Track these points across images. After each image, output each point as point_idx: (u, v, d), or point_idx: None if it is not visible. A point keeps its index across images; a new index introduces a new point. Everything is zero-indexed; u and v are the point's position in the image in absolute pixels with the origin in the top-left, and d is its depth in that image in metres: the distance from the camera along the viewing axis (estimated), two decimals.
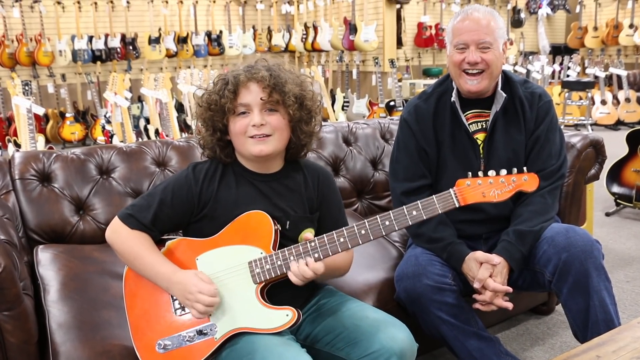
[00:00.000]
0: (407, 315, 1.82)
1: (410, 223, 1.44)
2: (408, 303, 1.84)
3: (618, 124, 7.94)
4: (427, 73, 9.11)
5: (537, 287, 1.92)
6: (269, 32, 9.48)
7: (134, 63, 8.47)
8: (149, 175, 2.16)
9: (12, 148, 5.67)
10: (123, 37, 8.25)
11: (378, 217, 1.45)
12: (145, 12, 8.45)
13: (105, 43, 8.11)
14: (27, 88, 5.12)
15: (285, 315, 1.43)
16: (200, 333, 1.46)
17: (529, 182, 1.47)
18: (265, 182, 1.59)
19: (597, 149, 2.34)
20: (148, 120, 6.79)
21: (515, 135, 1.96)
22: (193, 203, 1.56)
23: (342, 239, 1.45)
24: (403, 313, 1.84)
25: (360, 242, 1.45)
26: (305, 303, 1.61)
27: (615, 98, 8.06)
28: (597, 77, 8.05)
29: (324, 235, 1.46)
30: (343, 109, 8.25)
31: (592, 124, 7.82)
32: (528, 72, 8.41)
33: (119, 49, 8.17)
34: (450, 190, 1.46)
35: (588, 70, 8.25)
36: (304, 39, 9.06)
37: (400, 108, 7.26)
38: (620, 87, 8.06)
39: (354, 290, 1.87)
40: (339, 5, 8.76)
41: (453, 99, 1.96)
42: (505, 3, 10.00)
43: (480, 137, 1.98)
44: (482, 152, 1.97)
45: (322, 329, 1.54)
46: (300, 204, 1.60)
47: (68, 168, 2.08)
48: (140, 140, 2.50)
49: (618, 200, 4.06)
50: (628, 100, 7.96)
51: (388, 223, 1.44)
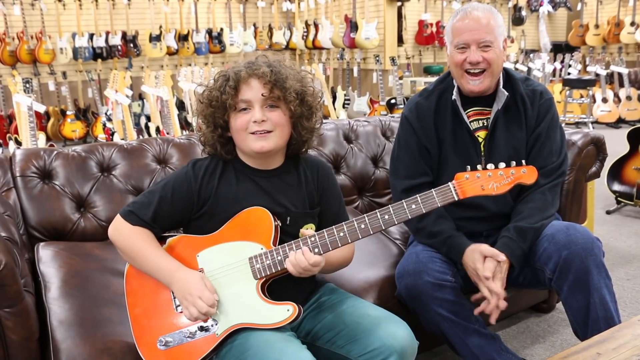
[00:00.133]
0: (407, 313, 1.83)
1: (410, 217, 1.45)
2: (409, 300, 1.84)
3: (619, 122, 7.93)
4: (428, 71, 9.10)
5: (537, 284, 1.92)
6: (270, 29, 9.48)
7: (135, 61, 8.47)
8: (150, 173, 2.16)
9: (13, 145, 5.67)
10: (124, 34, 8.25)
11: (377, 211, 1.45)
12: (146, 9, 8.45)
13: (106, 40, 8.11)
14: (28, 86, 5.11)
15: (286, 311, 1.44)
16: (202, 329, 1.46)
17: (528, 174, 1.47)
18: (266, 178, 1.59)
19: (598, 147, 2.34)
20: (149, 118, 6.78)
21: (516, 133, 1.96)
22: (193, 200, 1.56)
23: (342, 234, 1.45)
24: (404, 310, 1.84)
25: (360, 236, 1.46)
26: (306, 300, 1.62)
27: (617, 96, 8.04)
28: (598, 75, 8.03)
29: (324, 230, 1.46)
30: (344, 107, 8.24)
31: (593, 122, 7.81)
32: (529, 70, 8.38)
33: (120, 47, 8.17)
34: (449, 184, 1.46)
35: (589, 68, 8.23)
36: (305, 37, 9.05)
37: (401, 106, 7.26)
38: (622, 84, 8.04)
39: (355, 288, 1.87)
40: (340, 3, 8.75)
41: (454, 97, 1.96)
42: (507, 1, 9.98)
43: (482, 134, 1.98)
44: (483, 149, 1.97)
45: (322, 326, 1.54)
46: (301, 200, 1.60)
47: (69, 165, 2.08)
48: (141, 138, 2.49)
49: (619, 198, 4.06)
50: (629, 98, 7.94)
51: (387, 217, 1.45)
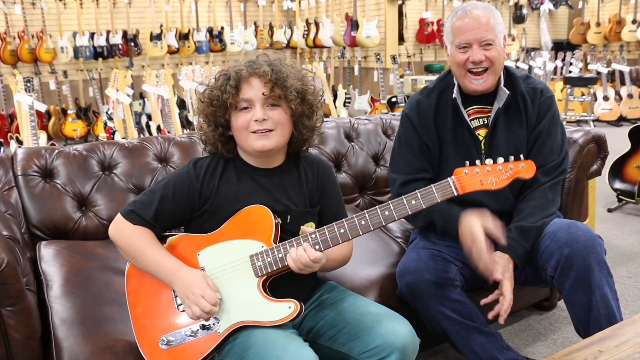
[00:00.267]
0: (409, 311, 1.82)
1: (410, 212, 1.46)
2: (410, 298, 1.84)
3: (620, 120, 7.92)
4: (428, 69, 9.10)
5: (539, 282, 1.92)
6: (271, 28, 9.48)
7: (136, 59, 8.46)
8: (151, 171, 2.16)
9: (14, 145, 5.68)
10: (125, 33, 8.24)
11: (377, 207, 1.46)
12: (147, 8, 8.45)
13: (107, 39, 8.11)
14: (29, 85, 5.11)
15: (288, 308, 1.44)
16: (204, 328, 1.46)
17: (526, 169, 1.49)
18: (267, 176, 1.59)
19: (599, 145, 2.34)
20: (150, 117, 6.78)
21: (517, 131, 1.96)
22: (194, 199, 1.56)
23: (342, 230, 1.46)
24: (405, 308, 1.84)
25: (361, 232, 1.46)
26: (308, 298, 1.62)
27: (618, 94, 8.03)
28: (599, 73, 8.02)
29: (324, 227, 1.46)
30: (345, 105, 8.24)
31: (594, 120, 7.79)
32: (530, 68, 8.38)
33: (121, 46, 8.16)
34: (449, 179, 1.47)
35: (590, 66, 8.21)
36: (306, 35, 9.05)
37: (402, 104, 7.25)
38: (623, 83, 8.03)
39: (356, 286, 1.87)
40: (341, 1, 8.75)
41: (454, 96, 1.96)
42: None
43: (482, 132, 1.98)
44: (483, 147, 1.97)
45: (324, 324, 1.54)
46: (301, 198, 1.61)
47: (70, 164, 2.09)
48: (142, 137, 2.50)
49: (620, 196, 4.06)
50: (630, 96, 7.93)
51: (388, 213, 1.46)
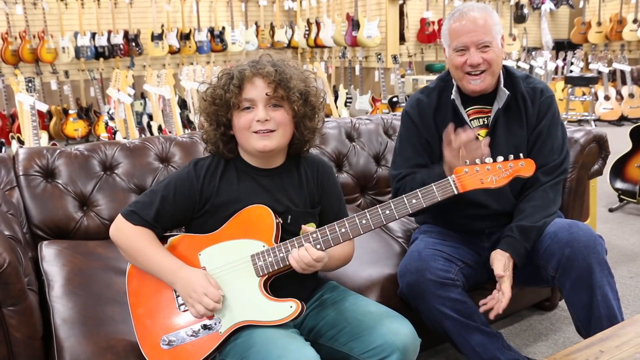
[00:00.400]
0: (410, 311, 1.82)
1: (411, 211, 1.47)
2: (411, 298, 1.84)
3: (621, 120, 7.91)
4: (429, 69, 9.09)
5: (540, 282, 1.93)
6: (272, 28, 9.47)
7: (137, 59, 8.47)
8: (153, 171, 2.17)
9: (15, 145, 5.68)
10: (126, 33, 8.25)
11: (378, 206, 1.47)
12: (148, 8, 8.45)
13: (108, 40, 8.11)
14: (30, 85, 5.12)
15: (289, 307, 1.44)
16: (205, 327, 1.46)
17: (526, 167, 1.49)
18: (267, 177, 1.59)
19: (600, 145, 2.34)
20: (151, 117, 6.79)
21: (517, 131, 1.96)
22: (195, 199, 1.56)
23: (343, 230, 1.46)
24: (406, 308, 1.84)
25: (362, 231, 1.46)
26: (309, 298, 1.62)
27: (619, 93, 8.02)
28: (600, 72, 8.01)
29: (325, 227, 1.47)
30: (346, 105, 8.24)
31: (595, 120, 7.79)
32: (531, 67, 8.37)
33: (122, 46, 8.17)
34: (449, 178, 1.47)
35: (591, 66, 8.21)
36: (307, 35, 9.05)
37: (403, 104, 7.23)
38: (624, 82, 8.03)
39: (358, 286, 1.87)
40: (342, 1, 8.74)
41: (453, 97, 1.96)
42: None
43: (482, 133, 1.98)
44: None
45: (325, 324, 1.54)
46: (302, 199, 1.61)
47: (72, 164, 2.09)
48: (144, 137, 2.51)
49: (621, 196, 4.05)
50: (632, 96, 7.93)
51: (388, 212, 1.46)
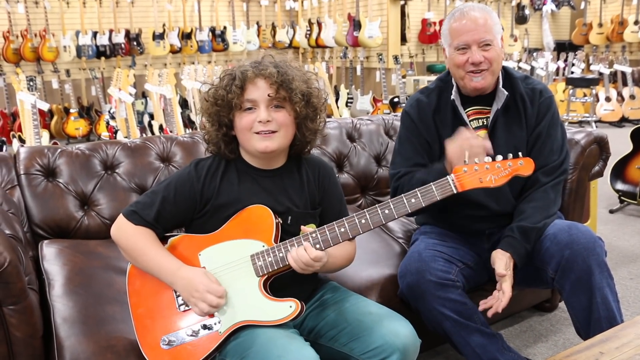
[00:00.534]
0: (410, 312, 1.83)
1: (410, 211, 1.47)
2: (411, 299, 1.85)
3: (622, 121, 7.90)
4: (431, 69, 9.09)
5: (539, 283, 1.93)
6: (273, 28, 9.47)
7: (138, 59, 8.47)
8: (154, 171, 2.17)
9: (16, 143, 5.69)
10: (127, 32, 8.25)
11: (378, 206, 1.47)
12: (150, 7, 8.46)
13: (110, 39, 8.12)
14: (31, 84, 5.13)
15: (289, 307, 1.44)
16: (205, 327, 1.46)
17: (525, 166, 1.50)
18: (268, 177, 1.59)
19: (601, 146, 2.34)
20: (152, 116, 6.79)
21: (517, 132, 1.96)
22: (196, 199, 1.56)
23: (342, 229, 1.46)
24: (406, 309, 1.84)
25: (361, 231, 1.47)
26: (309, 298, 1.62)
27: (620, 95, 8.02)
28: (601, 73, 8.01)
29: (325, 226, 1.47)
30: (347, 105, 8.24)
31: (596, 121, 7.78)
32: (532, 68, 8.37)
33: (123, 45, 8.17)
34: (448, 177, 1.47)
35: (592, 67, 8.21)
36: (308, 35, 9.05)
37: (404, 104, 7.25)
38: (625, 83, 8.02)
39: (358, 286, 1.87)
40: (343, 2, 8.75)
41: (452, 97, 1.96)
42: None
43: (482, 134, 1.97)
44: None
45: (325, 324, 1.55)
46: (302, 200, 1.61)
47: (73, 163, 2.09)
48: (145, 136, 2.51)
49: (622, 198, 4.05)
50: (632, 97, 7.92)
51: (388, 212, 1.47)
